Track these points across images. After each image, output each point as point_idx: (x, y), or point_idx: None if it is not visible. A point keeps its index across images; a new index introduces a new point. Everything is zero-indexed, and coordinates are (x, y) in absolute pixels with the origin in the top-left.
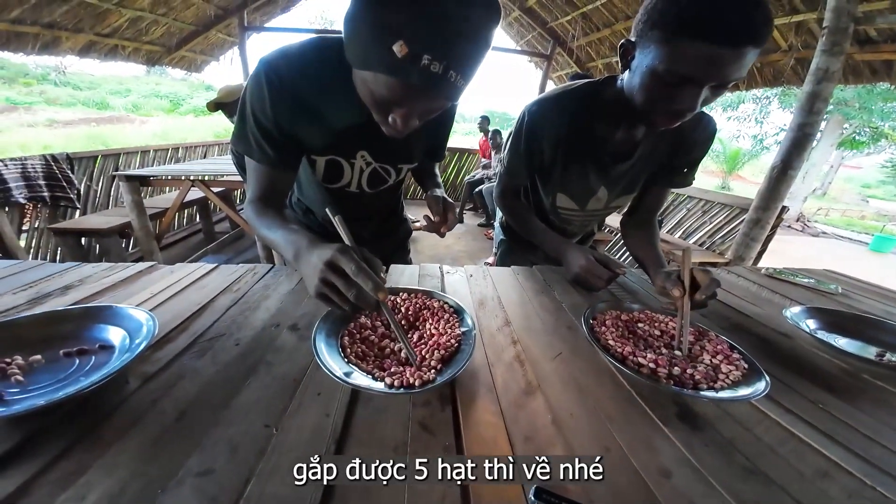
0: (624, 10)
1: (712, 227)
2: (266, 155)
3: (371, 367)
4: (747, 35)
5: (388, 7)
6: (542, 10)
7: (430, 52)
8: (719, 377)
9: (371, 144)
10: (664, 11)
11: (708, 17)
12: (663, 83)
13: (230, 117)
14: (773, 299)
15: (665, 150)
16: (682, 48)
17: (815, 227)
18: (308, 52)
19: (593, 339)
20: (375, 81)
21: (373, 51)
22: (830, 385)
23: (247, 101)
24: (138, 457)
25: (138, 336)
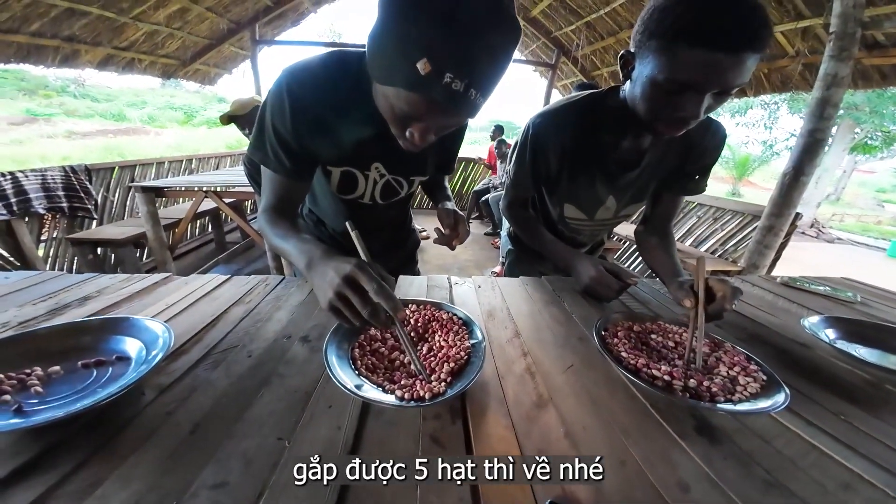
0: (628, 19)
1: (724, 234)
2: (282, 165)
3: (381, 380)
4: (746, 40)
5: (414, 25)
6: (547, 20)
7: (452, 70)
8: (737, 389)
9: (385, 157)
10: (661, 20)
11: (705, 24)
12: (664, 91)
13: (242, 130)
14: (789, 309)
15: (674, 158)
16: (680, 56)
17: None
18: (329, 66)
19: (606, 351)
20: (397, 96)
21: (396, 67)
22: (852, 396)
23: (266, 112)
24: (154, 469)
25: (154, 348)
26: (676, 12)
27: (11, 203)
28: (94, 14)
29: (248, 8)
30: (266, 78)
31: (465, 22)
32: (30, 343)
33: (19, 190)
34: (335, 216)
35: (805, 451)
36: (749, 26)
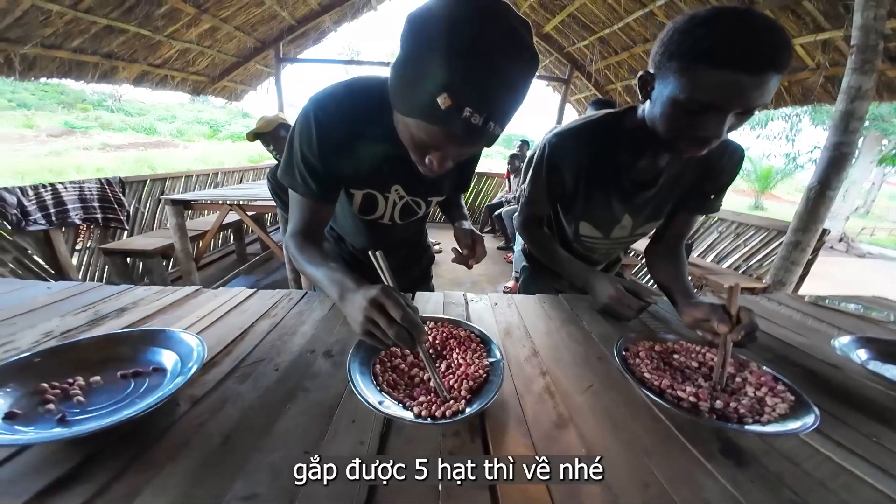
0: (642, 34)
1: (748, 250)
2: (310, 189)
3: (402, 396)
4: (767, 61)
5: (435, 60)
6: (559, 36)
7: (472, 105)
8: (765, 410)
9: (405, 179)
10: (682, 42)
11: (727, 46)
12: (686, 112)
13: (267, 146)
14: (819, 328)
15: (691, 177)
16: (702, 77)
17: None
18: (353, 93)
19: (627, 371)
20: (418, 127)
21: (418, 100)
22: (884, 417)
23: (295, 138)
24: (187, 480)
25: (189, 360)
26: (698, 34)
27: (51, 213)
28: (132, 32)
29: (273, 27)
30: (289, 94)
31: (483, 57)
32: (73, 353)
33: (58, 201)
34: (355, 234)
35: (835, 473)
36: (770, 47)
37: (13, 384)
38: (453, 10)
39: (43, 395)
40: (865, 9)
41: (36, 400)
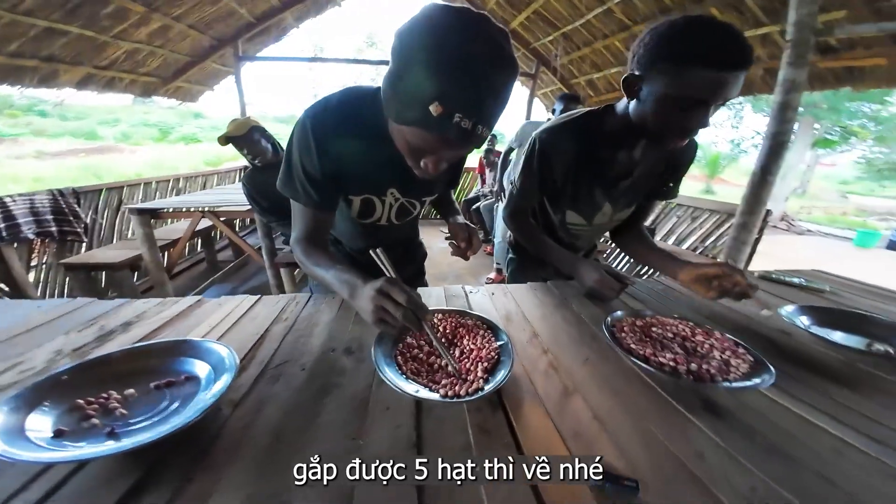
0: (601, 30)
1: (703, 232)
2: (311, 198)
3: (426, 382)
4: (743, 60)
5: (426, 71)
6: (526, 32)
7: (461, 111)
8: (731, 370)
9: (399, 182)
10: (670, 47)
11: (711, 49)
12: (677, 107)
13: (241, 150)
14: (769, 300)
15: (659, 167)
16: (692, 76)
17: (800, 225)
18: (346, 103)
19: (616, 344)
20: (412, 134)
21: (411, 109)
22: (831, 374)
23: (293, 151)
24: (252, 475)
25: (221, 366)
26: (684, 40)
27: (1, 229)
28: (75, 33)
29: (230, 25)
30: (251, 93)
31: (470, 67)
32: (101, 368)
33: (8, 215)
34: (352, 237)
35: (797, 422)
36: (742, 49)
37: (49, 402)
38: (440, 24)
39: (82, 410)
40: (799, 6)
41: (76, 416)
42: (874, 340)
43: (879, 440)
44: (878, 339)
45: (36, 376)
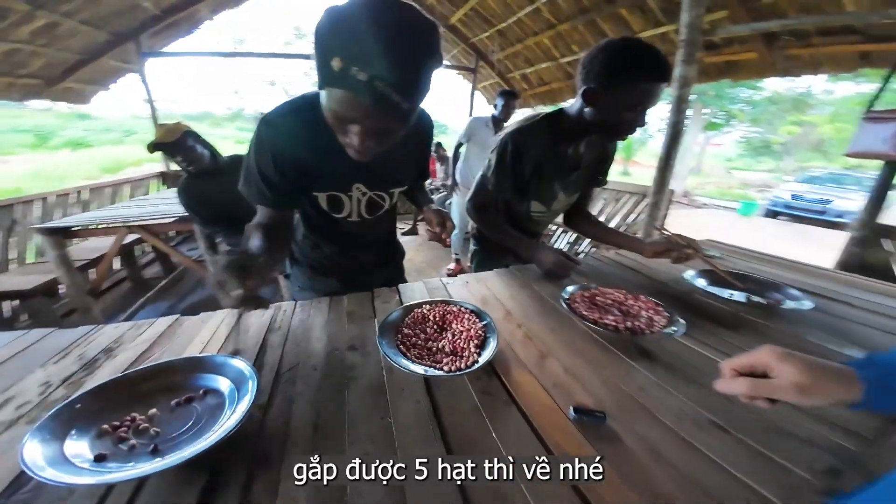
0: (532, 28)
1: (625, 211)
2: (267, 199)
3: (430, 363)
4: (668, 74)
5: (330, 33)
6: (464, 28)
7: (356, 63)
8: (654, 324)
9: (364, 177)
10: (622, 66)
11: (652, 68)
12: (630, 110)
13: (173, 158)
14: (676, 267)
15: (596, 160)
16: (640, 88)
17: (697, 200)
18: (301, 109)
19: (572, 313)
20: (328, 98)
21: (321, 70)
22: (723, 322)
23: (252, 157)
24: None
25: (240, 376)
26: (635, 62)
27: None
28: None
29: (133, 18)
30: (157, 90)
31: (366, 22)
32: (115, 392)
33: None
34: (329, 238)
35: (703, 359)
36: (668, 67)
37: (75, 431)
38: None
39: (111, 434)
40: (690, 9)
41: (109, 440)
42: (752, 294)
43: None
44: (755, 293)
45: (41, 410)
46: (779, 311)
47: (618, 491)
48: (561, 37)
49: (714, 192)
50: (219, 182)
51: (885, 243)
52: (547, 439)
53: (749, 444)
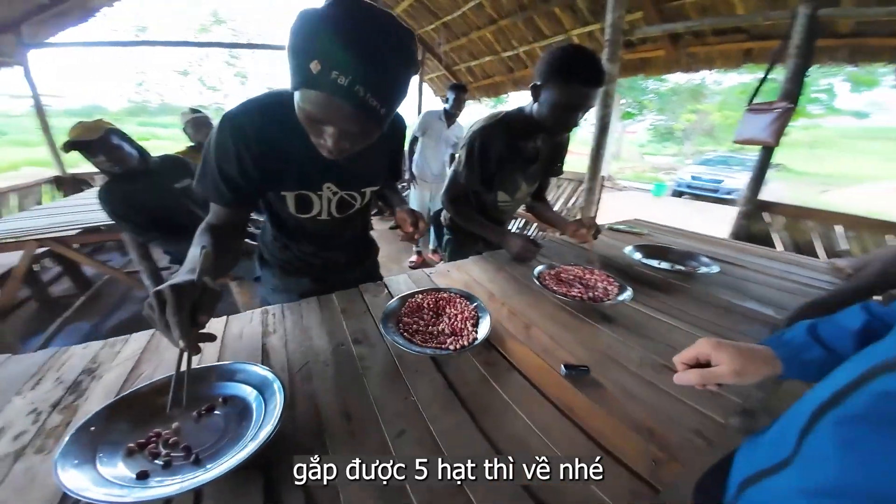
0: (475, 22)
1: (566, 196)
2: (223, 197)
3: (435, 345)
4: (602, 80)
5: (308, 35)
6: (410, 19)
7: (337, 68)
8: (609, 293)
9: (335, 176)
10: (560, 69)
11: (585, 72)
12: (562, 110)
13: (93, 157)
14: (616, 244)
15: (552, 152)
16: (572, 90)
17: (620, 183)
18: (268, 106)
19: (545, 289)
20: (302, 98)
21: (298, 72)
22: (656, 287)
23: (212, 154)
24: (349, 445)
25: (263, 380)
26: (569, 65)
27: None
28: None
29: (14, 7)
30: (42, 83)
31: (347, 28)
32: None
33: None
34: (300, 239)
35: (647, 318)
36: (602, 73)
37: (103, 452)
38: (324, 5)
39: (142, 451)
40: (613, 10)
41: (141, 458)
42: (674, 263)
43: (685, 320)
44: (677, 262)
45: (43, 438)
46: (695, 276)
47: (607, 422)
48: (502, 32)
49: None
50: (151, 184)
51: (766, 216)
52: (548, 393)
53: None
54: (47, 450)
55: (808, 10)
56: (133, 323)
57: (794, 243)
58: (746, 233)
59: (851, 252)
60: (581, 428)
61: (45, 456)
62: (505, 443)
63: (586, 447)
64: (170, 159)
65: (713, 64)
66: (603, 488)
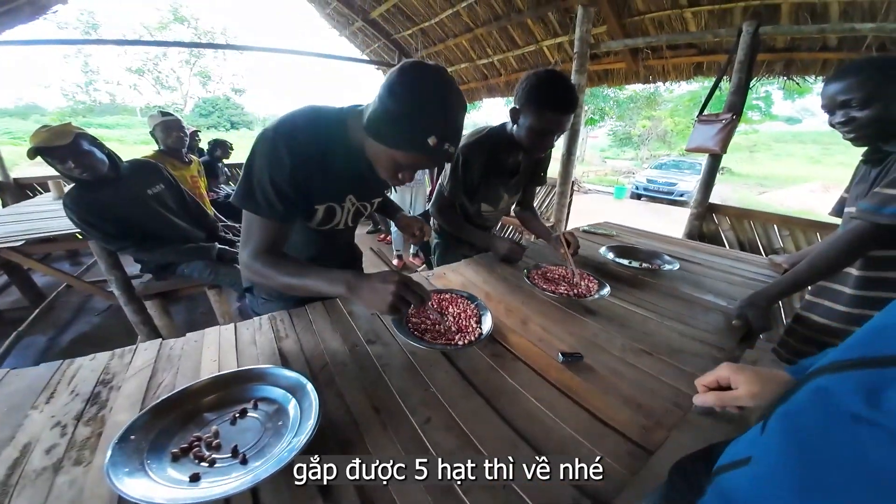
0: (452, 30)
1: (539, 201)
2: (276, 211)
3: (445, 342)
4: (573, 106)
5: (426, 117)
6: (386, 24)
7: (448, 140)
8: (591, 290)
9: (356, 188)
10: (536, 95)
11: (557, 99)
12: (539, 135)
13: (61, 163)
14: (591, 245)
15: (531, 166)
16: (546, 115)
17: (585, 186)
18: (314, 121)
19: (535, 287)
20: (406, 157)
21: (411, 140)
22: (629, 282)
23: (260, 166)
24: (383, 436)
25: (293, 380)
26: (544, 92)
27: None
28: None
29: None
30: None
31: (453, 108)
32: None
33: None
34: (304, 246)
35: (625, 311)
36: (574, 99)
37: (150, 459)
38: (427, 80)
39: (186, 455)
40: (581, 24)
41: (188, 462)
42: (642, 261)
43: (656, 311)
44: (644, 260)
45: (79, 450)
46: (660, 272)
47: (602, 399)
48: (478, 40)
49: (594, 179)
50: (123, 191)
51: (715, 217)
52: (549, 378)
53: (665, 360)
54: (86, 461)
55: (752, 28)
56: (95, 336)
57: (739, 241)
58: (699, 232)
59: (786, 249)
60: (581, 405)
61: (87, 467)
62: (520, 421)
63: (588, 420)
64: (142, 164)
65: (668, 76)
66: (606, 451)
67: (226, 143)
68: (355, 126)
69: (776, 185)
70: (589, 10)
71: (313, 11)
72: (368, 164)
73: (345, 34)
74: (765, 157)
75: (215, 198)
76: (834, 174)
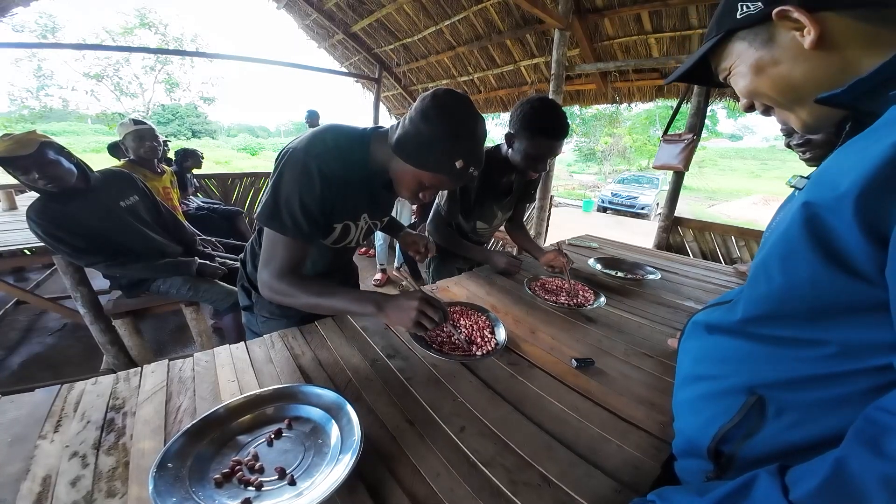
0: (435, 47)
1: None
2: (301, 231)
3: (462, 354)
4: (565, 132)
5: (454, 142)
6: (367, 38)
7: (474, 165)
8: (588, 299)
9: (369, 207)
10: (530, 122)
11: (550, 126)
12: (533, 160)
13: (24, 174)
14: (578, 258)
15: (523, 186)
16: (540, 141)
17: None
18: (341, 144)
19: (537, 297)
20: (432, 178)
21: (440, 162)
22: (617, 291)
23: (291, 187)
24: (422, 445)
25: (331, 399)
26: (538, 120)
27: None
28: None
29: None
30: None
31: (478, 135)
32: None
33: None
34: (314, 262)
35: (619, 317)
36: (566, 126)
37: (196, 487)
38: (454, 108)
39: (229, 480)
40: (557, 47)
41: (234, 488)
42: (627, 272)
43: (648, 318)
44: (629, 271)
45: (107, 481)
46: (644, 282)
47: (618, 399)
48: (459, 58)
49: (563, 193)
50: (94, 202)
51: (680, 230)
52: (567, 382)
53: (665, 362)
54: (120, 493)
55: None
56: (51, 357)
57: (702, 251)
58: (666, 243)
59: (743, 258)
60: (601, 406)
61: (122, 499)
62: (549, 423)
63: (611, 419)
64: (114, 174)
65: (633, 98)
66: (632, 445)
67: (196, 153)
68: (377, 147)
69: (723, 198)
70: (565, 34)
71: (292, 22)
72: (382, 184)
73: (324, 46)
74: (712, 172)
75: (186, 210)
76: (771, 187)
